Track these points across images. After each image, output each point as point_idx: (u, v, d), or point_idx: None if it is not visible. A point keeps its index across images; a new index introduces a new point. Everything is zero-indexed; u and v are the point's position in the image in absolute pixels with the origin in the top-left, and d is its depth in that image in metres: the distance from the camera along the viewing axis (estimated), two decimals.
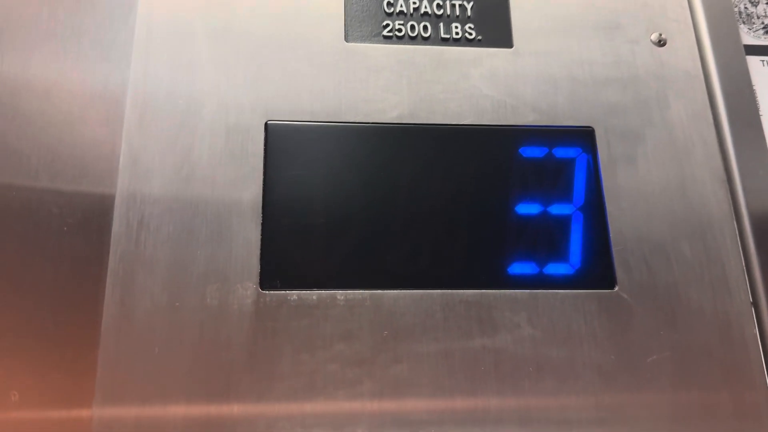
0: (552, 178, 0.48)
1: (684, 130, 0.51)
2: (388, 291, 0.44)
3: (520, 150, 0.49)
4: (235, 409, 0.41)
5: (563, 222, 0.47)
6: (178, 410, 0.41)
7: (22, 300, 0.42)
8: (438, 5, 0.53)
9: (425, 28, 0.52)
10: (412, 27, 0.52)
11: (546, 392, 0.43)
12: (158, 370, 0.41)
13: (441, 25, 0.52)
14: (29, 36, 0.49)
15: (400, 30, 0.52)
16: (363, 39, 0.51)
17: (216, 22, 0.50)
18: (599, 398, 0.43)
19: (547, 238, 0.47)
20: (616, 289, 0.46)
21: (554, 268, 0.46)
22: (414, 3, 0.53)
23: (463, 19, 0.53)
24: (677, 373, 0.44)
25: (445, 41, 0.52)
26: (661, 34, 0.53)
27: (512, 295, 0.45)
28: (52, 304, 0.43)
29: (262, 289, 0.43)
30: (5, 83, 0.47)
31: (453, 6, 0.53)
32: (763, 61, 0.55)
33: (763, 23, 0.57)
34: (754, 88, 0.53)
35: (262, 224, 0.45)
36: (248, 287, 0.43)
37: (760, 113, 0.52)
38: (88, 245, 0.44)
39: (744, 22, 0.57)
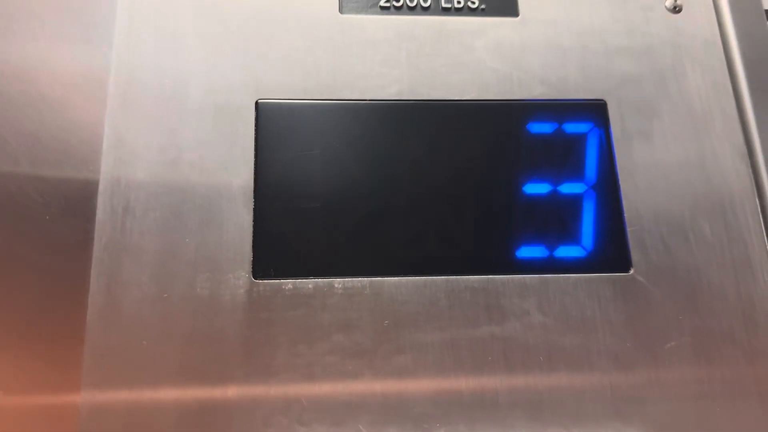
0: (562, 155, 0.46)
1: (702, 101, 0.48)
2: (389, 278, 0.42)
3: (528, 126, 0.46)
4: (229, 404, 0.38)
5: (574, 201, 0.45)
6: (168, 408, 0.38)
7: (5, 290, 0.40)
8: None
9: None
10: None
11: (558, 382, 0.40)
12: (147, 364, 0.39)
13: None
14: (9, 16, 0.46)
15: (398, 0, 0.49)
16: (359, 10, 0.48)
17: None
18: (615, 388, 0.41)
19: (557, 219, 0.44)
20: (632, 272, 0.43)
21: (565, 251, 0.43)
22: None
23: None
24: (698, 360, 0.42)
25: (446, 11, 0.49)
26: (676, 0, 0.50)
27: (521, 281, 0.42)
28: (35, 295, 0.40)
29: (255, 278, 0.41)
30: None
31: None
32: None
33: None
34: None
35: (254, 209, 0.42)
36: (240, 276, 0.41)
37: None
38: (72, 233, 0.42)
39: None
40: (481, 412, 0.39)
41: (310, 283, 0.41)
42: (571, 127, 0.46)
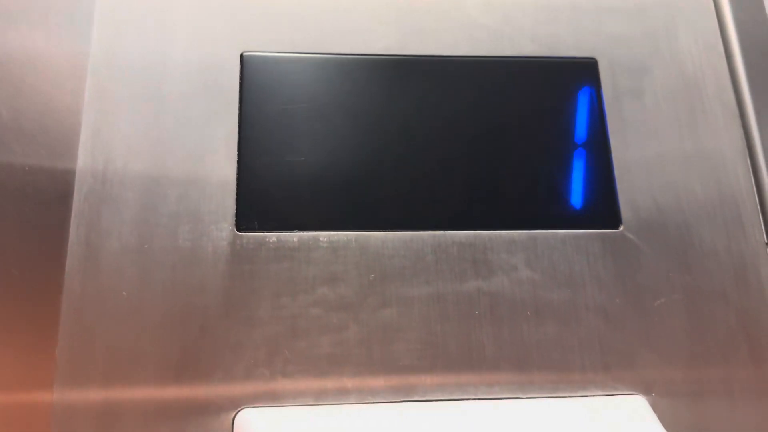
0: (552, 113, 0.45)
1: (694, 63, 0.47)
2: (376, 232, 0.41)
3: (518, 83, 0.45)
4: (211, 356, 0.38)
5: (564, 159, 0.44)
6: (149, 360, 0.37)
7: None
8: None
9: None
10: None
11: (546, 337, 0.40)
12: (127, 315, 0.38)
13: None
14: None
15: None
16: None
17: None
18: (603, 343, 0.40)
19: (547, 176, 0.43)
20: (621, 228, 0.42)
21: (555, 208, 0.43)
22: None
23: None
24: (688, 318, 0.41)
25: None
26: None
27: (509, 236, 0.42)
28: (15, 246, 0.39)
29: (239, 231, 0.40)
30: None
31: None
32: None
33: None
34: None
35: (238, 162, 0.42)
36: (223, 228, 0.40)
37: None
38: (52, 185, 0.41)
39: None
40: (468, 365, 0.39)
41: (294, 236, 0.41)
42: (562, 85, 0.45)
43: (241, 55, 0.44)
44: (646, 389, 0.39)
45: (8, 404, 0.37)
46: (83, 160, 0.41)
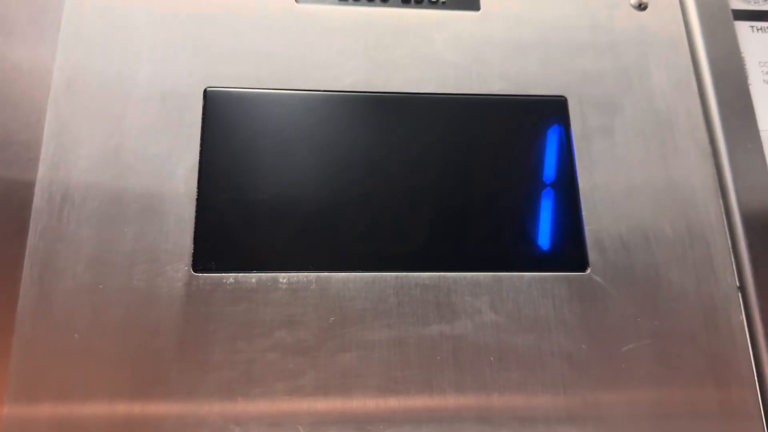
0: (520, 153, 0.44)
1: (666, 100, 0.47)
2: (337, 273, 0.40)
3: (486, 121, 0.45)
4: (162, 403, 0.37)
5: (532, 199, 0.43)
6: (99, 405, 0.36)
7: None
8: None
9: None
10: None
11: (510, 385, 0.39)
12: (78, 357, 0.37)
13: None
14: None
15: None
16: (316, 0, 0.47)
17: None
18: (569, 392, 0.39)
19: (513, 216, 0.42)
20: (588, 271, 0.42)
21: (521, 249, 0.42)
22: None
23: None
24: (657, 364, 0.40)
25: (406, 3, 0.48)
26: None
27: (474, 278, 0.41)
28: None
29: (195, 271, 0.39)
30: None
31: None
32: (752, 27, 0.51)
33: None
34: (743, 55, 0.49)
35: (197, 200, 0.41)
36: (180, 269, 0.39)
37: (749, 82, 0.48)
38: (7, 221, 0.40)
39: None
40: (429, 414, 0.38)
41: (253, 277, 0.40)
42: (530, 124, 0.45)
43: (205, 91, 0.43)
44: None
45: None
46: (39, 196, 0.40)
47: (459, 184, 0.43)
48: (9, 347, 0.37)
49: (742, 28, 0.50)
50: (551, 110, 0.45)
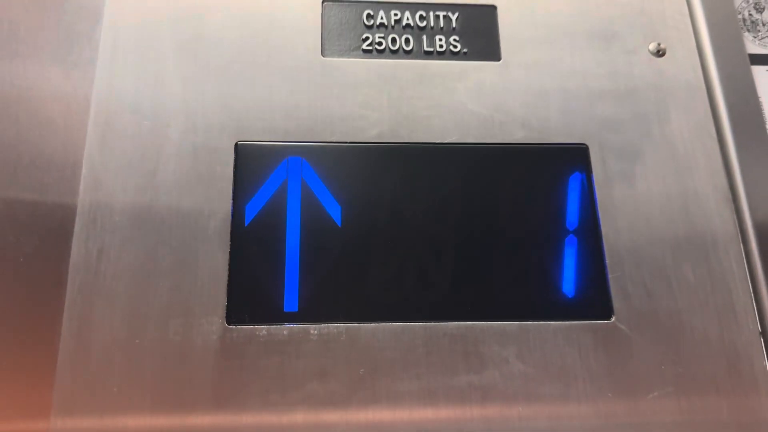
0: (543, 200, 0.45)
1: (685, 145, 0.47)
2: (366, 324, 0.41)
3: (509, 170, 0.45)
4: None
5: (556, 247, 0.44)
6: None
7: None
8: (421, 17, 0.50)
9: (407, 41, 0.49)
10: (393, 40, 0.49)
11: None
12: (117, 410, 0.38)
13: (424, 37, 0.49)
14: None
15: (380, 43, 0.49)
16: (341, 53, 0.48)
17: (185, 34, 0.47)
18: None
19: (538, 265, 0.43)
20: (613, 319, 0.42)
21: (546, 298, 0.43)
22: (395, 14, 0.50)
23: (447, 31, 0.50)
24: (681, 411, 0.41)
25: (428, 54, 0.49)
26: (660, 44, 0.50)
27: (500, 328, 0.42)
28: (6, 338, 0.40)
29: (229, 324, 0.40)
30: None
31: (437, 17, 0.50)
32: None
33: None
34: (760, 99, 0.50)
35: (230, 253, 0.42)
36: (214, 322, 0.40)
37: (767, 126, 0.49)
38: (46, 275, 0.41)
39: (748, 30, 0.54)
40: None
41: (284, 329, 0.41)
42: (552, 172, 0.46)
43: (236, 144, 0.44)
44: None
45: None
46: (76, 251, 0.41)
47: (483, 233, 0.44)
48: (50, 400, 0.38)
49: (760, 72, 0.51)
50: (573, 158, 0.46)
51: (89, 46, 0.47)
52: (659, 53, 0.50)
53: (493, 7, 0.50)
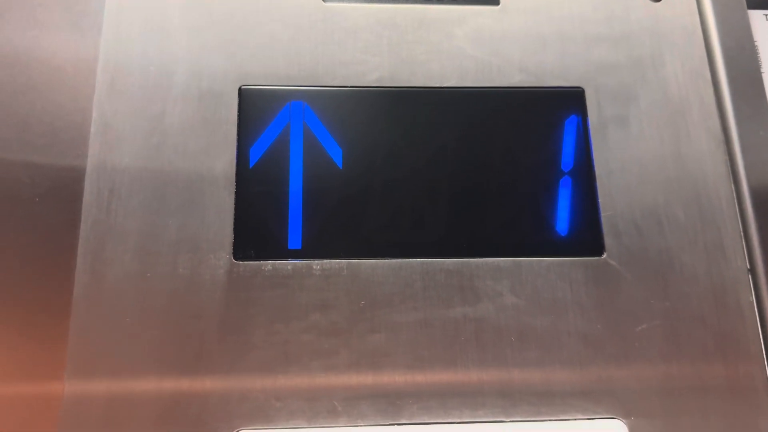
0: (539, 142, 0.46)
1: (680, 89, 0.48)
2: (366, 260, 0.43)
3: (506, 113, 0.47)
4: (206, 380, 0.40)
5: (550, 187, 0.45)
6: (148, 383, 0.40)
7: None
8: None
9: None
10: None
11: (529, 362, 0.41)
12: (129, 339, 0.40)
13: None
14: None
15: None
16: None
17: None
18: (584, 369, 0.41)
19: (533, 204, 0.45)
20: (604, 256, 0.44)
21: (540, 236, 0.44)
22: None
23: None
24: (668, 343, 0.42)
25: (428, 0, 0.50)
26: None
27: (495, 264, 0.43)
28: (24, 273, 0.42)
29: (236, 259, 0.42)
30: None
31: None
32: (766, 15, 0.52)
33: None
34: (756, 44, 0.50)
35: (236, 193, 0.44)
36: (221, 257, 0.42)
37: (762, 71, 0.49)
38: (60, 214, 0.43)
39: None
40: (453, 389, 0.40)
41: (289, 264, 0.43)
42: (549, 115, 0.47)
43: (240, 89, 0.46)
44: (625, 413, 0.41)
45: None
46: (89, 192, 0.43)
47: (480, 174, 0.45)
48: (67, 329, 0.41)
49: (756, 16, 0.51)
50: (569, 101, 0.47)
51: (96, 1, 0.48)
52: None
53: None
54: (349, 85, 0.47)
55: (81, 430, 0.39)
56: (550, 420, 0.40)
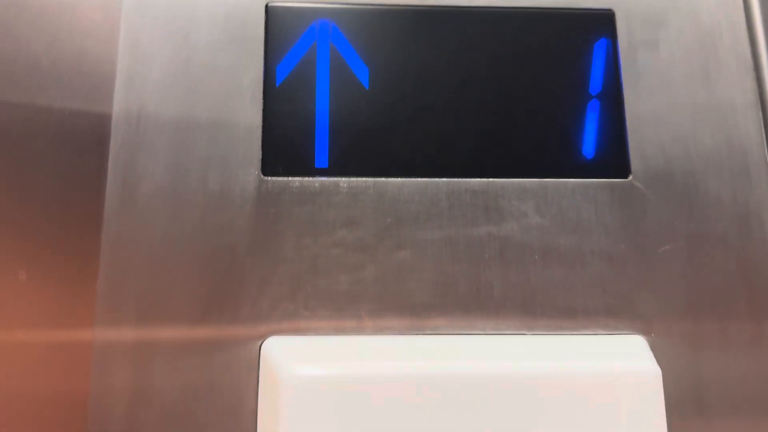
0: (568, 64, 0.46)
1: (711, 14, 0.48)
2: (393, 179, 0.43)
3: (535, 34, 0.46)
4: (237, 291, 0.41)
5: (578, 110, 0.45)
6: (181, 292, 0.41)
7: (26, 184, 0.42)
8: None
9: None
10: None
11: (552, 279, 0.42)
12: (161, 251, 0.41)
13: None
14: None
15: None
16: None
17: None
18: (607, 286, 0.42)
19: (560, 127, 0.45)
20: (630, 178, 0.44)
21: (566, 157, 0.44)
22: None
23: None
24: (691, 264, 0.43)
25: None
26: None
27: (520, 184, 0.44)
28: (55, 187, 0.43)
29: (264, 176, 0.43)
30: None
31: None
32: None
33: None
34: None
35: (264, 111, 0.44)
36: (250, 173, 0.43)
37: None
38: (89, 128, 0.44)
39: None
40: (476, 304, 0.41)
41: (316, 181, 0.43)
42: (578, 37, 0.46)
43: (266, 6, 0.46)
44: (645, 330, 0.42)
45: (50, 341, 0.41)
46: (118, 107, 0.43)
47: (508, 96, 0.45)
48: (99, 245, 0.42)
49: None
50: (599, 23, 0.47)
51: None
52: None
53: None
54: (376, 3, 0.46)
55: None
56: (571, 334, 0.41)
